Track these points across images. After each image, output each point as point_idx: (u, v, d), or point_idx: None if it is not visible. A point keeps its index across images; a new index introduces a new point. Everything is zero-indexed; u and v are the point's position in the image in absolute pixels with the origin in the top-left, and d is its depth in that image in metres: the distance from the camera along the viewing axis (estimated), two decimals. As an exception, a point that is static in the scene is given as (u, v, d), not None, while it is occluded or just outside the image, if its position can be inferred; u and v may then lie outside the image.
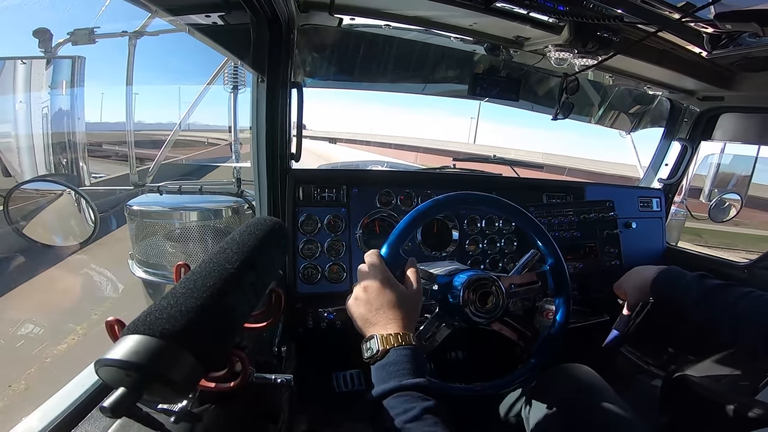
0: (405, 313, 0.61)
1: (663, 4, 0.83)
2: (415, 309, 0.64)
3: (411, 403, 0.51)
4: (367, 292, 0.63)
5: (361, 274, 0.66)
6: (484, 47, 1.19)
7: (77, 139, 1.49)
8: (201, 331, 0.39)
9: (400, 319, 0.60)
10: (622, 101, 1.72)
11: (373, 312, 0.61)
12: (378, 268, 0.65)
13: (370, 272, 0.65)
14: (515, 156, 2.56)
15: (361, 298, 0.63)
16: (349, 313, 0.64)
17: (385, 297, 0.62)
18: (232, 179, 1.60)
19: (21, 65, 1.25)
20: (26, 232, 1.09)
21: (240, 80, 1.57)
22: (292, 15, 0.94)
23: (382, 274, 0.64)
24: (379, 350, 0.57)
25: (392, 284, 0.63)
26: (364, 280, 0.64)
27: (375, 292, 0.62)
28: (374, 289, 0.62)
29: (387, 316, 0.60)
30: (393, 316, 0.60)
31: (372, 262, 0.66)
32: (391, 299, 0.61)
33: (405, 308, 0.62)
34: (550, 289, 0.84)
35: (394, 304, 0.61)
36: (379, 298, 0.62)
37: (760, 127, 1.38)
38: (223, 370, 0.49)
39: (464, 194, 0.82)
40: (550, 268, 0.83)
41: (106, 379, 0.35)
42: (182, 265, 0.55)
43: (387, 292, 0.62)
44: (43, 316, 2.73)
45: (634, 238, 1.44)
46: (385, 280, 0.63)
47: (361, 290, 0.63)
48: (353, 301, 0.64)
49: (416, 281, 0.66)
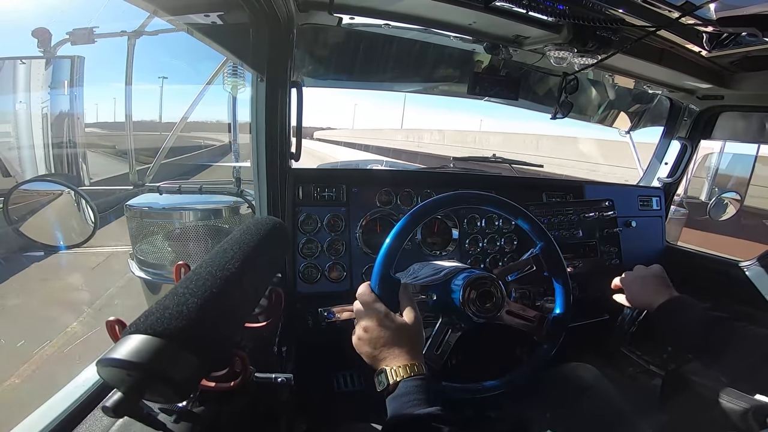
0: (409, 344, 0.63)
1: (663, 3, 0.83)
2: (417, 337, 0.65)
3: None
4: (368, 332, 0.64)
5: (358, 314, 0.67)
6: (483, 46, 1.19)
7: (77, 139, 1.49)
8: (202, 331, 0.39)
9: (405, 350, 0.62)
10: (621, 100, 1.72)
11: (378, 349, 0.63)
12: (372, 306, 0.65)
13: (366, 311, 0.66)
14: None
15: (363, 338, 0.64)
16: (357, 352, 0.66)
17: (386, 333, 0.63)
18: (231, 178, 1.60)
19: (20, 65, 1.24)
20: (26, 232, 1.09)
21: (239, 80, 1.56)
22: (292, 14, 0.93)
23: (378, 311, 0.65)
24: (390, 383, 0.59)
25: (390, 319, 0.64)
26: (362, 320, 0.66)
27: (375, 331, 0.63)
28: (374, 328, 0.64)
29: (392, 351, 0.62)
30: (398, 350, 0.62)
31: (365, 301, 0.67)
32: (393, 334, 0.63)
33: (408, 339, 0.63)
34: (546, 270, 0.84)
35: (397, 338, 0.63)
36: (380, 336, 0.63)
37: (760, 126, 1.38)
38: (224, 370, 0.49)
39: (437, 199, 0.80)
40: (541, 250, 0.83)
41: (107, 378, 0.35)
42: (182, 265, 0.56)
43: (386, 328, 0.63)
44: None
45: (633, 237, 1.44)
46: (382, 316, 0.64)
47: (362, 331, 0.65)
48: (357, 342, 0.66)
49: (412, 308, 0.67)
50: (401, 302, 0.67)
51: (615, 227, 1.35)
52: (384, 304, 0.66)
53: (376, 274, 0.70)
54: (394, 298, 0.67)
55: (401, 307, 0.67)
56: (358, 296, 0.68)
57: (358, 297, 0.68)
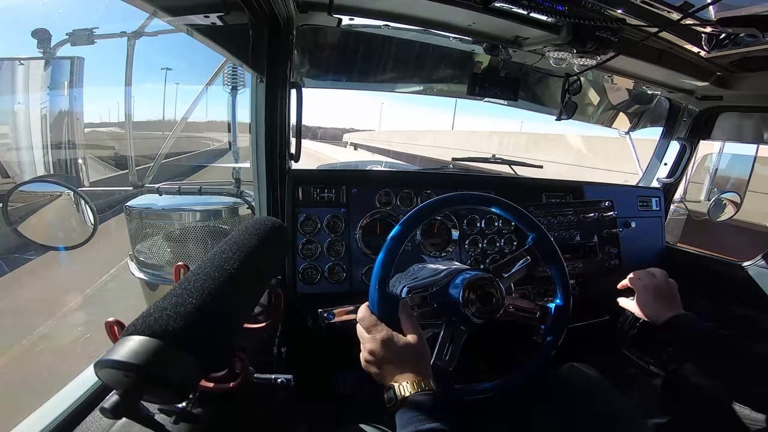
0: (414, 361, 0.64)
1: (662, 4, 0.83)
2: (421, 353, 0.66)
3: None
4: (374, 355, 0.65)
5: (361, 338, 0.68)
6: (483, 47, 1.19)
7: (76, 140, 1.49)
8: (201, 331, 0.39)
9: (411, 367, 0.63)
10: (620, 101, 1.72)
11: (385, 369, 0.64)
12: (374, 330, 0.66)
13: (369, 336, 0.67)
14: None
15: (370, 361, 0.66)
16: (367, 371, 0.67)
17: (391, 353, 0.64)
18: (231, 179, 1.60)
19: (20, 66, 1.24)
20: (25, 233, 1.09)
21: (239, 80, 1.56)
22: (291, 15, 0.93)
23: (379, 333, 0.66)
24: (398, 399, 0.60)
25: (393, 341, 0.65)
26: (366, 344, 0.67)
27: (380, 353, 0.64)
28: (377, 350, 0.65)
29: (399, 369, 0.63)
30: (405, 367, 0.63)
31: (367, 326, 0.68)
32: (398, 354, 0.64)
33: (413, 356, 0.64)
34: (541, 260, 0.83)
35: (402, 357, 0.64)
36: (385, 357, 0.64)
37: (759, 127, 1.38)
38: (223, 371, 0.49)
39: (433, 201, 0.80)
40: (534, 241, 0.83)
41: (105, 380, 0.35)
42: (182, 266, 0.55)
43: (390, 349, 0.64)
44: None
45: (633, 237, 1.44)
46: (384, 337, 0.65)
47: (368, 354, 0.66)
48: (365, 364, 0.67)
49: (413, 325, 0.68)
50: (402, 321, 0.68)
51: (615, 228, 1.35)
52: (385, 325, 0.67)
53: (373, 296, 0.70)
54: (394, 317, 0.68)
55: (402, 326, 0.68)
56: (359, 321, 0.69)
57: (359, 322, 0.69)
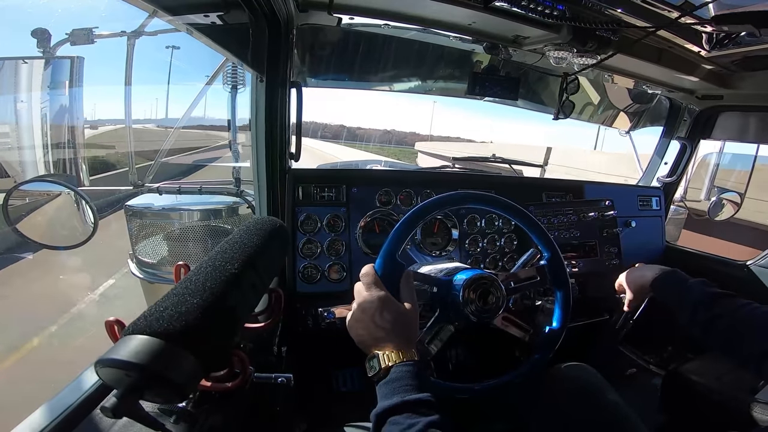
0: (404, 332, 0.62)
1: (662, 3, 0.83)
2: (412, 326, 0.64)
3: (414, 418, 0.51)
4: (365, 313, 0.63)
5: (358, 294, 0.66)
6: (483, 46, 1.19)
7: (76, 139, 1.49)
8: (201, 331, 0.39)
9: (399, 337, 0.61)
10: (621, 100, 1.72)
11: (373, 332, 0.62)
12: (373, 287, 0.65)
13: (366, 291, 0.65)
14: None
15: (359, 319, 0.63)
16: (350, 333, 0.65)
17: (383, 317, 0.61)
18: (231, 178, 1.60)
19: (20, 65, 1.24)
20: (25, 233, 1.09)
21: (239, 80, 1.56)
22: (291, 14, 0.93)
23: (378, 293, 0.64)
24: (382, 368, 0.58)
25: (389, 303, 0.63)
26: (361, 301, 0.64)
27: (372, 313, 0.62)
28: (371, 309, 0.62)
29: (387, 336, 0.61)
30: (393, 336, 0.61)
31: (368, 282, 0.66)
32: (390, 318, 0.62)
33: (403, 327, 0.62)
34: (550, 283, 0.84)
35: (393, 324, 0.61)
36: (377, 319, 0.62)
37: (759, 126, 1.38)
38: (223, 371, 0.49)
39: (456, 194, 0.80)
40: (548, 261, 0.83)
41: (106, 379, 0.35)
42: (182, 266, 0.55)
43: (384, 311, 0.62)
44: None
45: (633, 237, 1.44)
46: (382, 299, 0.63)
47: (359, 311, 0.63)
48: (353, 323, 0.64)
49: (412, 297, 0.66)
50: (402, 289, 0.66)
51: (615, 227, 1.35)
52: (386, 286, 0.65)
53: (384, 255, 0.69)
54: (396, 283, 0.67)
55: (401, 294, 0.66)
56: (361, 275, 0.67)
57: (361, 276, 0.67)
